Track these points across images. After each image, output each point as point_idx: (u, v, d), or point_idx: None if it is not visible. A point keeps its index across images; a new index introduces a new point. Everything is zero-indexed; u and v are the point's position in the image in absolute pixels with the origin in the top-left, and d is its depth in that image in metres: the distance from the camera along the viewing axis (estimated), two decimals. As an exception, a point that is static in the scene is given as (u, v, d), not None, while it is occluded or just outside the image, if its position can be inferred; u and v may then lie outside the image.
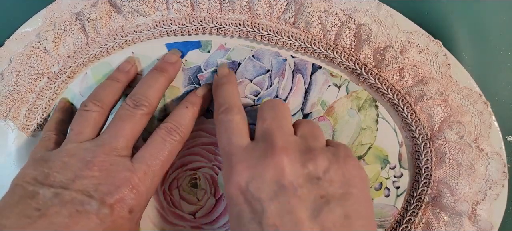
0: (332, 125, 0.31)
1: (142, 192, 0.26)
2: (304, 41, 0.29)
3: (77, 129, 0.28)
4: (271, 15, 0.29)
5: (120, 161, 0.26)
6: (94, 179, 0.25)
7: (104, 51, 0.31)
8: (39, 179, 0.25)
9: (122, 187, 0.25)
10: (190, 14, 0.29)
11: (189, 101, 0.29)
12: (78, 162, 0.26)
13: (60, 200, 0.24)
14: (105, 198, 0.25)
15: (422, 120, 0.29)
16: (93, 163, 0.26)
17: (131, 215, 0.26)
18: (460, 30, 0.30)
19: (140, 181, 0.26)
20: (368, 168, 0.31)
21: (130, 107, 0.28)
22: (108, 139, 0.27)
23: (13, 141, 0.32)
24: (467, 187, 0.29)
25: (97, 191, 0.25)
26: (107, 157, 0.26)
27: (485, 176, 0.30)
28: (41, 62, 0.31)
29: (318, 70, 0.30)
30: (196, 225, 0.33)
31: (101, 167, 0.26)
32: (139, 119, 0.28)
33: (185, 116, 0.29)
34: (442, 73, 0.29)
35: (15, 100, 0.31)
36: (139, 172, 0.26)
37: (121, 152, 0.27)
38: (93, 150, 0.26)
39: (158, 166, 0.27)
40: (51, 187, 0.25)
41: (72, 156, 0.26)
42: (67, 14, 0.31)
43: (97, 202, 0.24)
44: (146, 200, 0.27)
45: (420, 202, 0.30)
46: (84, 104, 0.28)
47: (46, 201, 0.24)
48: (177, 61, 0.30)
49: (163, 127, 0.28)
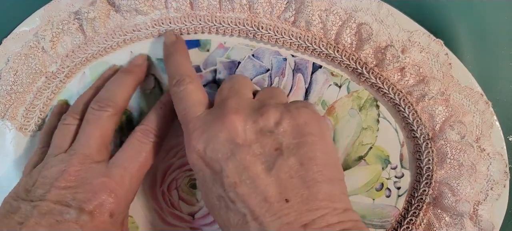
0: (332, 124, 0.31)
1: (121, 196, 0.27)
2: (304, 40, 0.29)
3: (56, 143, 0.28)
4: (271, 14, 0.29)
5: (95, 167, 0.27)
6: (71, 189, 0.26)
7: (102, 51, 0.31)
8: (22, 194, 0.26)
9: (100, 193, 0.26)
10: (189, 13, 0.29)
11: (162, 102, 0.30)
12: (55, 173, 0.26)
13: (38, 212, 0.25)
14: (83, 205, 0.25)
15: (423, 119, 0.29)
16: (68, 172, 0.26)
17: (112, 218, 0.26)
18: (461, 29, 0.30)
19: (117, 185, 0.26)
20: (369, 168, 0.31)
21: (95, 110, 0.28)
22: (79, 147, 0.27)
23: (10, 141, 0.32)
24: (468, 187, 0.29)
25: (75, 200, 0.25)
26: (82, 165, 0.26)
27: (487, 176, 0.29)
28: (39, 61, 0.30)
29: (319, 70, 0.30)
30: (195, 226, 0.33)
31: (77, 175, 0.26)
32: (106, 120, 0.28)
33: (159, 117, 0.29)
34: (444, 73, 0.29)
35: (13, 100, 0.31)
36: (115, 176, 0.27)
37: (95, 157, 0.27)
38: (68, 159, 0.27)
39: (136, 168, 0.28)
40: (31, 201, 0.25)
41: (49, 169, 0.27)
42: (65, 13, 0.30)
43: (76, 210, 0.25)
44: (126, 202, 0.28)
45: (421, 203, 0.30)
46: (64, 118, 0.29)
47: (27, 214, 0.25)
48: (142, 63, 0.30)
49: (138, 130, 0.28)
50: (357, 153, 0.31)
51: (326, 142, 0.24)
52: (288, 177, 0.22)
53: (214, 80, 0.31)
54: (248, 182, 0.22)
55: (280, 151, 0.23)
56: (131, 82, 0.30)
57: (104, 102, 0.28)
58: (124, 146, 0.28)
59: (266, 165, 0.22)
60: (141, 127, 0.29)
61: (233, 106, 0.24)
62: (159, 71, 0.31)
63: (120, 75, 0.30)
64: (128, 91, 0.30)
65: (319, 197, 0.22)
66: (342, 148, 0.31)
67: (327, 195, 0.22)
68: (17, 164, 0.32)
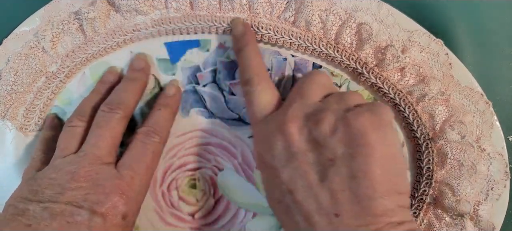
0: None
1: (132, 197, 0.27)
2: (304, 40, 0.29)
3: (63, 145, 0.28)
4: (271, 14, 0.29)
5: (105, 169, 0.27)
6: (82, 190, 0.26)
7: (102, 51, 0.31)
8: (29, 196, 0.26)
9: (112, 194, 0.26)
10: (189, 13, 0.29)
11: (160, 104, 0.30)
12: (64, 175, 0.26)
13: (49, 214, 0.25)
14: (95, 207, 0.25)
15: (423, 119, 0.29)
16: (78, 174, 0.26)
17: (125, 221, 0.26)
18: (461, 29, 0.30)
19: (128, 186, 0.27)
20: (369, 168, 0.31)
21: (105, 112, 0.28)
22: (90, 148, 0.27)
23: (11, 141, 0.32)
24: (468, 187, 0.29)
25: (86, 201, 0.25)
26: (92, 167, 0.26)
27: (487, 176, 0.29)
28: (39, 61, 0.31)
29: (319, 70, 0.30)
30: (195, 226, 0.33)
31: (87, 177, 0.26)
32: (116, 123, 0.28)
33: (159, 118, 0.30)
34: (444, 73, 0.29)
35: (13, 100, 0.31)
36: (126, 177, 0.27)
37: (105, 159, 0.27)
38: (77, 161, 0.27)
39: (144, 169, 0.28)
40: (40, 202, 0.25)
41: (58, 171, 0.26)
42: (65, 13, 0.30)
43: (87, 211, 0.25)
44: (138, 204, 0.28)
45: (421, 203, 0.30)
46: (69, 120, 0.29)
47: (36, 216, 0.25)
48: (146, 66, 0.31)
49: (140, 132, 0.29)
50: (357, 153, 0.31)
51: (386, 153, 0.22)
52: (340, 190, 0.21)
53: (214, 80, 0.31)
54: (303, 190, 0.22)
55: (334, 162, 0.22)
56: (139, 87, 0.30)
57: (114, 105, 0.28)
58: (129, 149, 0.28)
59: (319, 175, 0.22)
60: (143, 129, 0.29)
61: (294, 113, 0.24)
62: (159, 71, 0.31)
63: (128, 81, 0.30)
64: (137, 95, 0.30)
65: (371, 213, 0.21)
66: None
67: (380, 211, 0.21)
68: (18, 164, 0.32)
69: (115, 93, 0.30)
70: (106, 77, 0.31)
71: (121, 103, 0.29)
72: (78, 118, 0.29)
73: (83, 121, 0.29)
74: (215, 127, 0.32)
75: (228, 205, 0.33)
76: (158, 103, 0.30)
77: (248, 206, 0.33)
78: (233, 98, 0.31)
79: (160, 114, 0.30)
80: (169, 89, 0.31)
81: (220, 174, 0.32)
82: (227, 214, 0.33)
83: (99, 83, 0.31)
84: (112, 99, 0.29)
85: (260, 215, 0.33)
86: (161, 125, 0.29)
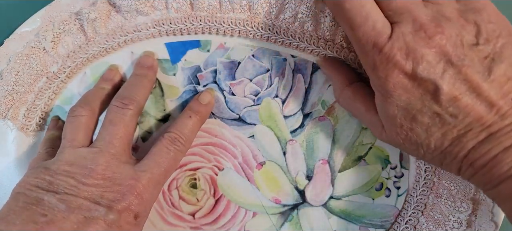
0: (332, 124, 0.31)
1: (147, 199, 0.27)
2: (304, 41, 0.29)
3: (70, 136, 0.28)
4: (271, 14, 0.29)
5: (123, 168, 0.27)
6: (99, 187, 0.26)
7: (103, 51, 0.31)
8: (42, 185, 0.26)
9: (128, 194, 0.26)
10: (189, 14, 0.29)
11: (192, 110, 0.30)
12: (80, 169, 0.26)
13: (67, 206, 0.25)
14: (112, 204, 0.25)
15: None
16: (96, 171, 0.26)
17: (136, 221, 0.26)
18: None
19: (144, 188, 0.27)
20: (369, 168, 0.31)
21: (119, 108, 0.28)
22: (105, 145, 0.27)
23: (12, 141, 0.32)
24: (468, 187, 0.29)
25: (103, 198, 0.25)
26: (108, 164, 0.26)
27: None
28: (40, 62, 0.31)
29: (319, 70, 0.30)
30: (196, 226, 0.33)
31: (105, 175, 0.26)
32: (129, 119, 0.28)
33: (188, 125, 0.29)
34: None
35: (14, 100, 0.31)
36: (143, 180, 0.27)
37: (121, 157, 0.27)
38: (92, 157, 0.27)
39: (162, 174, 0.28)
40: (56, 193, 0.25)
41: (72, 164, 0.26)
42: (66, 13, 0.31)
43: (104, 208, 0.25)
44: (150, 206, 0.28)
45: (421, 203, 0.30)
46: (72, 110, 0.29)
47: (52, 207, 0.25)
48: (153, 63, 0.30)
49: (167, 137, 0.28)
50: (357, 152, 0.31)
51: None
52: (505, 79, 0.22)
53: (214, 80, 0.31)
54: (469, 93, 0.22)
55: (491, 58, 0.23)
56: (147, 83, 0.30)
57: (127, 100, 0.28)
58: (152, 151, 0.28)
59: (482, 74, 0.22)
60: (169, 134, 0.28)
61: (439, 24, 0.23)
62: (160, 71, 0.31)
63: (137, 77, 0.30)
64: (147, 92, 0.30)
65: None
66: (342, 148, 0.31)
67: None
68: (19, 164, 0.32)
69: (127, 89, 0.29)
70: (107, 74, 0.31)
71: (134, 99, 0.28)
72: (81, 106, 0.29)
73: (87, 109, 0.29)
74: (215, 126, 0.32)
75: (228, 204, 0.33)
76: (190, 109, 0.30)
77: (248, 206, 0.33)
78: (233, 98, 0.31)
79: (190, 122, 0.29)
80: (204, 97, 0.30)
81: (220, 173, 0.32)
82: (227, 214, 0.33)
83: (101, 80, 0.31)
84: (125, 95, 0.29)
85: (260, 215, 0.33)
86: (188, 133, 0.29)
